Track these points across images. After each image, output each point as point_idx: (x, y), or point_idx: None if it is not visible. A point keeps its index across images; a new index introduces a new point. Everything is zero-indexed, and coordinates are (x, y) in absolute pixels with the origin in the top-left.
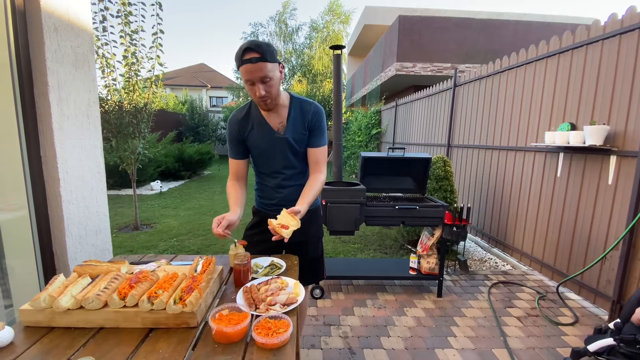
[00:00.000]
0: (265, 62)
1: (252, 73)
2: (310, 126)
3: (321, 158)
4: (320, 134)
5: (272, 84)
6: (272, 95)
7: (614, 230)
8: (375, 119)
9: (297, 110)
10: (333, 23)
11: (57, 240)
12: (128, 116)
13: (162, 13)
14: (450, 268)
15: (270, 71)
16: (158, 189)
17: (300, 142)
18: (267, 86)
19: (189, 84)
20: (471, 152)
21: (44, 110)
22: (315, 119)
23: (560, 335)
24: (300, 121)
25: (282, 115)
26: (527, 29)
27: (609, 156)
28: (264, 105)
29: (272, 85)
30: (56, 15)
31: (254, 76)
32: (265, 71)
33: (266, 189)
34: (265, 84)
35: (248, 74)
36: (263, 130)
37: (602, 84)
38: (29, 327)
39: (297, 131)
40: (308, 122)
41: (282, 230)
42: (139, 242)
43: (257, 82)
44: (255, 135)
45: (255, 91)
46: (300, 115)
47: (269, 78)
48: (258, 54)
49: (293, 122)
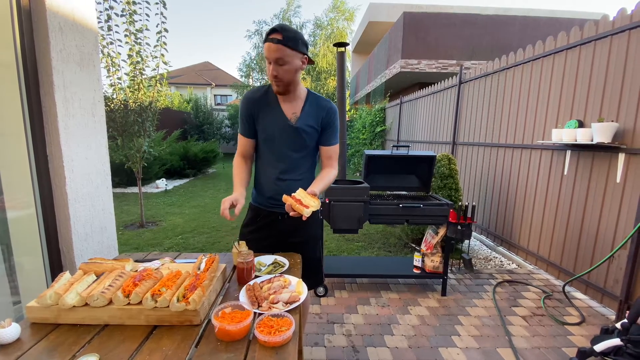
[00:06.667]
0: (285, 47)
1: (269, 52)
2: (324, 123)
3: (334, 155)
4: (333, 132)
5: (286, 69)
6: (283, 78)
7: (622, 228)
8: (379, 117)
9: (312, 104)
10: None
11: (64, 238)
12: (133, 115)
13: (166, 12)
14: (455, 267)
15: (287, 56)
16: (163, 187)
17: (310, 135)
18: (280, 68)
19: (193, 82)
20: (476, 149)
21: (50, 109)
22: (329, 116)
23: (566, 335)
24: (314, 115)
25: (297, 106)
26: (535, 25)
27: (617, 154)
28: (275, 85)
29: (286, 70)
30: (61, 15)
31: (270, 55)
32: (282, 54)
33: (264, 181)
34: (280, 66)
35: (266, 52)
36: (275, 114)
37: (610, 80)
38: (36, 323)
39: (309, 124)
40: (322, 118)
41: (302, 208)
42: (144, 240)
43: (273, 62)
44: (267, 118)
45: (270, 70)
46: (315, 109)
47: (284, 62)
48: (281, 36)
49: (306, 115)
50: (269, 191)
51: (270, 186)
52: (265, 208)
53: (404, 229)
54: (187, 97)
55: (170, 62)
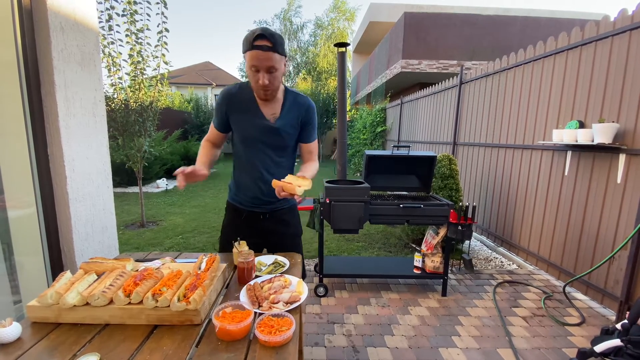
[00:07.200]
0: (275, 53)
1: (260, 61)
2: (303, 121)
3: (314, 149)
4: (312, 129)
5: (276, 75)
6: (274, 86)
7: (623, 229)
8: (380, 117)
9: (291, 103)
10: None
11: (65, 238)
12: (134, 114)
13: (167, 12)
14: (455, 267)
15: (277, 62)
16: (164, 186)
17: (290, 136)
18: (271, 76)
19: (194, 82)
20: (477, 150)
21: (51, 109)
22: (309, 114)
23: (566, 335)
24: (295, 114)
25: (276, 106)
26: (535, 25)
27: (618, 154)
28: (263, 94)
29: (276, 77)
30: (62, 15)
31: (262, 64)
32: (273, 62)
33: (245, 182)
34: (270, 74)
35: (255, 60)
36: (254, 115)
37: (611, 81)
38: (36, 322)
39: (289, 124)
40: (302, 116)
41: (294, 187)
42: (145, 239)
43: (263, 70)
44: (244, 119)
45: (259, 79)
46: (295, 108)
47: (275, 69)
48: (270, 43)
49: (286, 114)
50: (250, 192)
51: (252, 187)
52: (246, 208)
53: (405, 229)
54: (188, 97)
55: (171, 62)
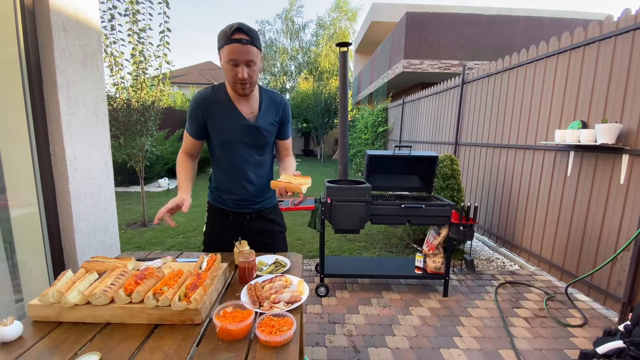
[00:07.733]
0: (254, 47)
1: (239, 54)
2: (281, 119)
3: (289, 145)
4: (289, 126)
5: (254, 69)
6: (252, 80)
7: (626, 230)
8: (381, 117)
9: (268, 101)
10: (340, 20)
11: (66, 237)
12: (136, 114)
13: (169, 11)
14: (457, 267)
15: (255, 56)
16: (165, 186)
17: (270, 134)
18: (250, 70)
19: (196, 81)
20: (479, 150)
21: (53, 108)
22: (286, 111)
23: (568, 336)
24: (273, 112)
25: (253, 104)
26: (538, 25)
27: (621, 155)
28: (242, 89)
29: (254, 71)
30: (65, 14)
31: (241, 58)
32: (252, 55)
33: (229, 184)
34: (249, 68)
35: (234, 54)
36: (232, 116)
37: (614, 81)
38: (38, 321)
39: (269, 121)
40: (280, 114)
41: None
42: (146, 239)
43: (242, 64)
44: (223, 120)
45: (238, 72)
46: (272, 106)
47: (253, 62)
48: (248, 37)
49: (265, 112)
50: (236, 194)
51: (237, 189)
52: (231, 209)
53: (406, 229)
54: (190, 96)
55: (173, 61)
